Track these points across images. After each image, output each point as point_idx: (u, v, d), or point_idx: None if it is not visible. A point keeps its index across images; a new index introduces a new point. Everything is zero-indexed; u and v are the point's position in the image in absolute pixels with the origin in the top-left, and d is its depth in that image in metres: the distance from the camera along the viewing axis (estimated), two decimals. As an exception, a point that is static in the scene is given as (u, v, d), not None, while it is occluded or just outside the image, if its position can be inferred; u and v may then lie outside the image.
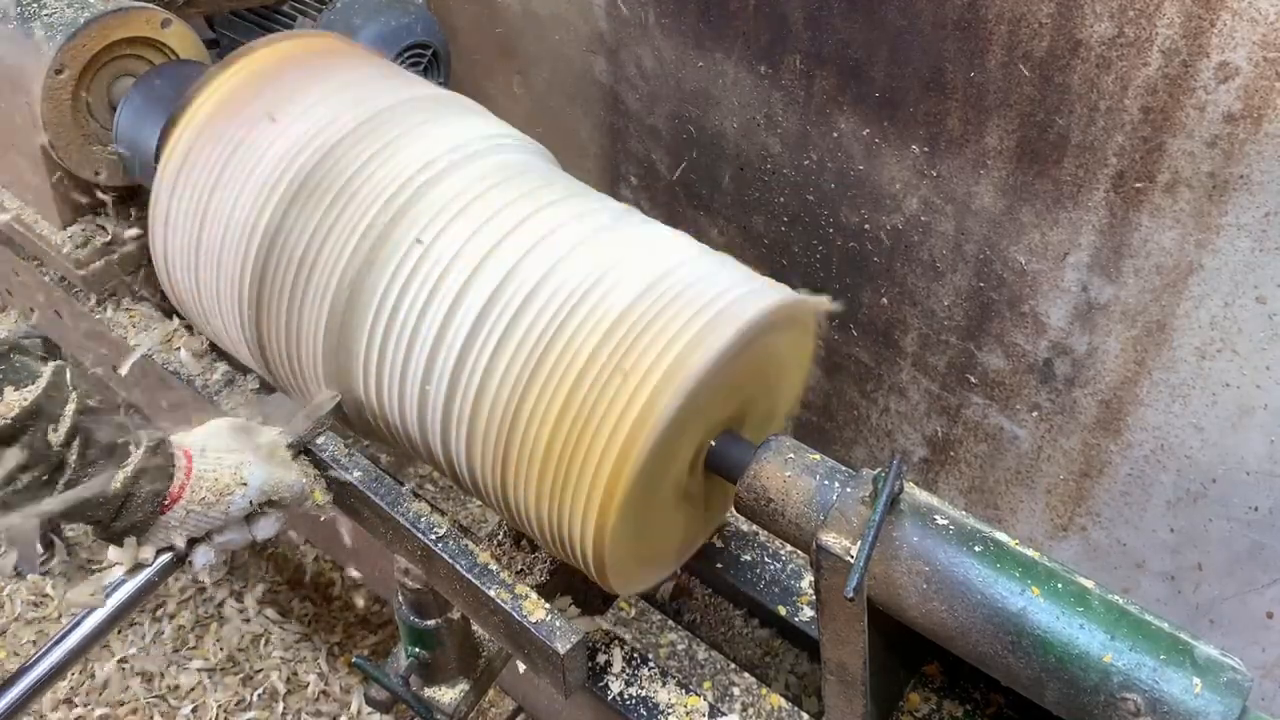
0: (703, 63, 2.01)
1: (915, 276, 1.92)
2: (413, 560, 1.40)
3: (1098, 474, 1.85)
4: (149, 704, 2.27)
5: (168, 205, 1.45)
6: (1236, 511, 1.70)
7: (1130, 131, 1.53)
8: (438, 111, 1.43)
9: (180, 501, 1.20)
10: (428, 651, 1.47)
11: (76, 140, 1.70)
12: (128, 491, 1.15)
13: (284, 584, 2.53)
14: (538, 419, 1.18)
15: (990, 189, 1.73)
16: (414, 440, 1.36)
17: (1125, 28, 1.46)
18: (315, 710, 2.29)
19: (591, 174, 2.39)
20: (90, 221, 1.83)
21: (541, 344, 1.19)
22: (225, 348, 1.58)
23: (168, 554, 1.24)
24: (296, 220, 1.33)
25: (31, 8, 1.66)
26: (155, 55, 1.74)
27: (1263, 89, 1.39)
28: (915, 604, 1.08)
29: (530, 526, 1.28)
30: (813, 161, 1.95)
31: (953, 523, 1.09)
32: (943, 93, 1.70)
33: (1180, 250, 1.57)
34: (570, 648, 1.26)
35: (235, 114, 1.42)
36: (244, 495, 1.25)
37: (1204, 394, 1.64)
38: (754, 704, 1.42)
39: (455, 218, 1.30)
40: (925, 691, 1.34)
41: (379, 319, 1.30)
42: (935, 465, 2.12)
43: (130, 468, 1.15)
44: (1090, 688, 0.99)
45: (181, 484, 1.20)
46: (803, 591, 1.55)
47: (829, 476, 1.18)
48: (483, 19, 2.38)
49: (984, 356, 1.90)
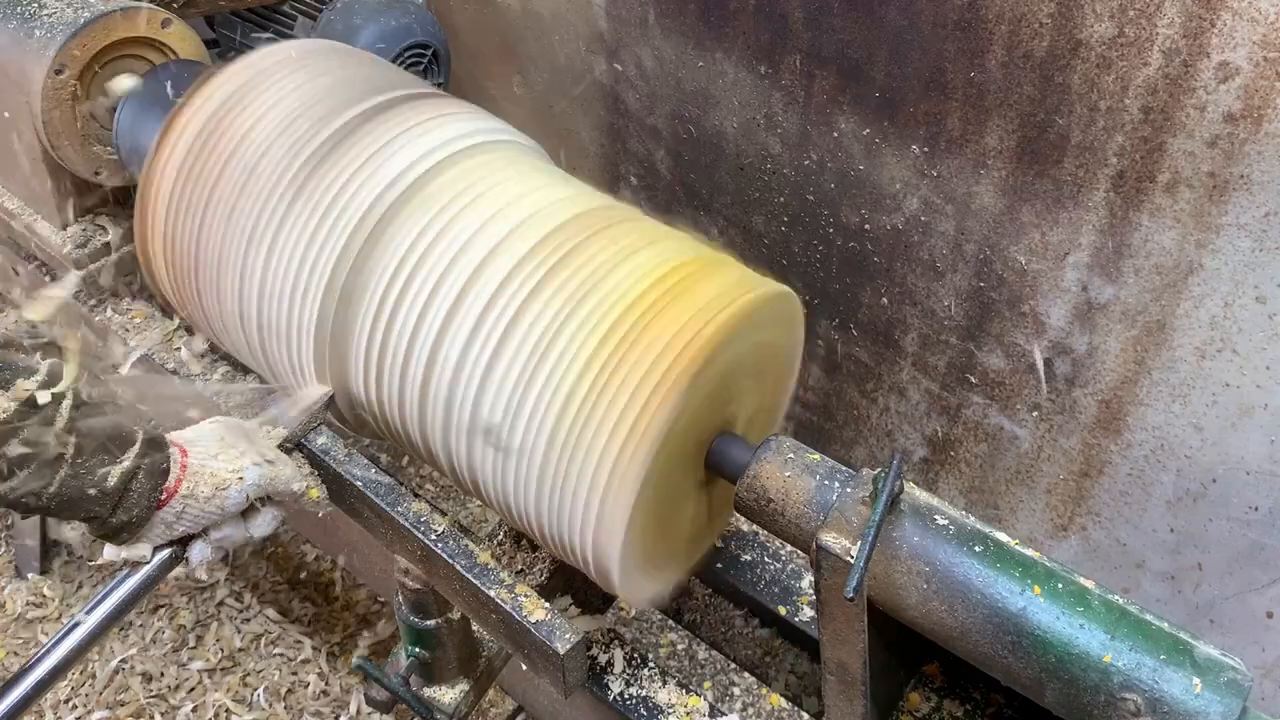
0: (703, 63, 2.01)
1: (915, 276, 1.92)
2: (413, 560, 1.40)
3: (1098, 474, 1.85)
4: (149, 704, 2.27)
5: (168, 204, 1.45)
6: (1236, 511, 1.70)
7: (1130, 131, 1.53)
8: (437, 108, 1.44)
9: (176, 497, 1.20)
10: (428, 651, 1.47)
11: (76, 140, 1.70)
12: (124, 487, 1.15)
13: (284, 584, 2.53)
14: (538, 419, 1.19)
15: (990, 189, 1.73)
16: (414, 440, 1.36)
17: (1125, 28, 1.46)
18: (315, 710, 2.29)
19: (591, 174, 2.39)
20: (90, 221, 1.83)
21: (542, 344, 1.19)
22: (225, 347, 1.58)
23: (165, 551, 1.24)
24: (297, 220, 1.34)
25: (31, 8, 1.67)
26: (155, 55, 1.74)
27: (1263, 89, 1.39)
28: (915, 604, 1.08)
29: (530, 527, 1.28)
30: (813, 161, 1.95)
31: (953, 523, 1.09)
32: (943, 93, 1.70)
33: (1180, 250, 1.57)
34: (570, 648, 1.26)
35: (235, 114, 1.42)
36: (240, 490, 1.25)
37: (1204, 394, 1.64)
38: (754, 704, 1.42)
39: (457, 217, 1.30)
40: (925, 691, 1.34)
41: (379, 318, 1.30)
42: (935, 465, 2.12)
43: (126, 463, 1.15)
44: (1090, 688, 0.99)
45: (177, 479, 1.20)
46: (803, 591, 1.55)
47: (829, 476, 1.18)
48: (483, 19, 2.38)
49: (984, 356, 1.90)
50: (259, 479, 1.28)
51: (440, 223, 1.30)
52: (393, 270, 1.29)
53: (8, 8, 1.69)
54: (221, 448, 1.27)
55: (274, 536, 2.60)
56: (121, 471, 1.15)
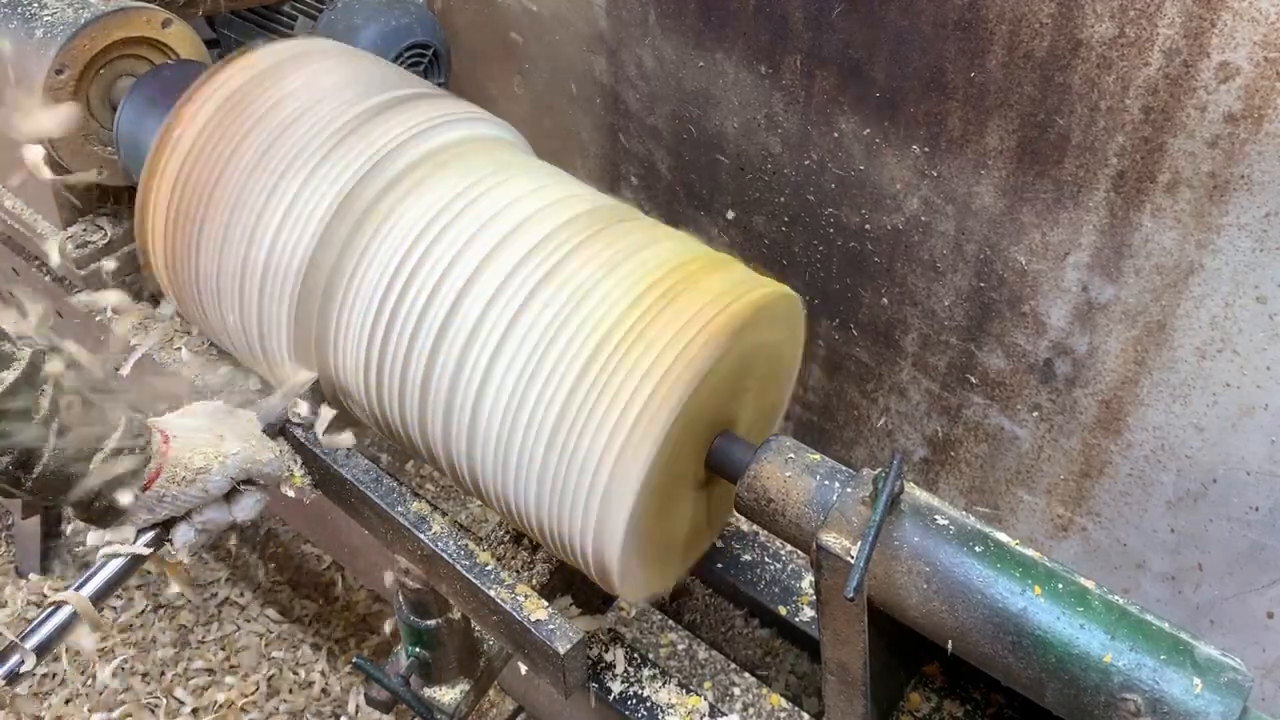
0: (703, 63, 2.01)
1: (916, 276, 1.92)
2: (413, 560, 1.40)
3: (1098, 474, 1.85)
4: (149, 704, 2.27)
5: (168, 204, 1.45)
6: (1237, 511, 1.70)
7: (1131, 131, 1.53)
8: (439, 108, 1.44)
9: (158, 481, 1.21)
10: (428, 651, 1.47)
11: (76, 140, 1.70)
12: (106, 473, 1.16)
13: (284, 584, 2.53)
14: (538, 419, 1.19)
15: (991, 189, 1.73)
16: (414, 439, 1.36)
17: (1126, 28, 1.46)
18: (315, 710, 2.29)
19: (592, 174, 2.39)
20: (90, 221, 1.83)
21: (542, 344, 1.19)
22: (224, 346, 1.58)
23: (149, 533, 1.25)
24: (298, 218, 1.34)
25: (32, 8, 1.66)
26: (155, 55, 1.74)
27: (1263, 89, 1.39)
28: (915, 604, 1.08)
29: (531, 526, 1.28)
30: (813, 161, 1.95)
31: (953, 523, 1.09)
32: (943, 93, 1.70)
33: (1181, 250, 1.57)
34: (570, 648, 1.26)
35: (235, 114, 1.42)
36: (221, 474, 1.26)
37: (1204, 394, 1.64)
38: (754, 704, 1.42)
39: (457, 216, 1.30)
40: (925, 691, 1.34)
41: (379, 318, 1.30)
42: (935, 465, 2.12)
43: (108, 449, 1.16)
44: (1090, 688, 0.99)
45: (159, 465, 1.22)
46: (803, 591, 1.55)
47: (829, 476, 1.18)
48: (483, 19, 2.38)
49: (984, 356, 1.90)
50: (241, 462, 1.29)
51: (441, 222, 1.30)
52: (393, 270, 1.29)
53: (9, 7, 1.69)
54: (204, 432, 1.28)
55: (274, 536, 2.62)
56: (103, 458, 1.16)
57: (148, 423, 1.26)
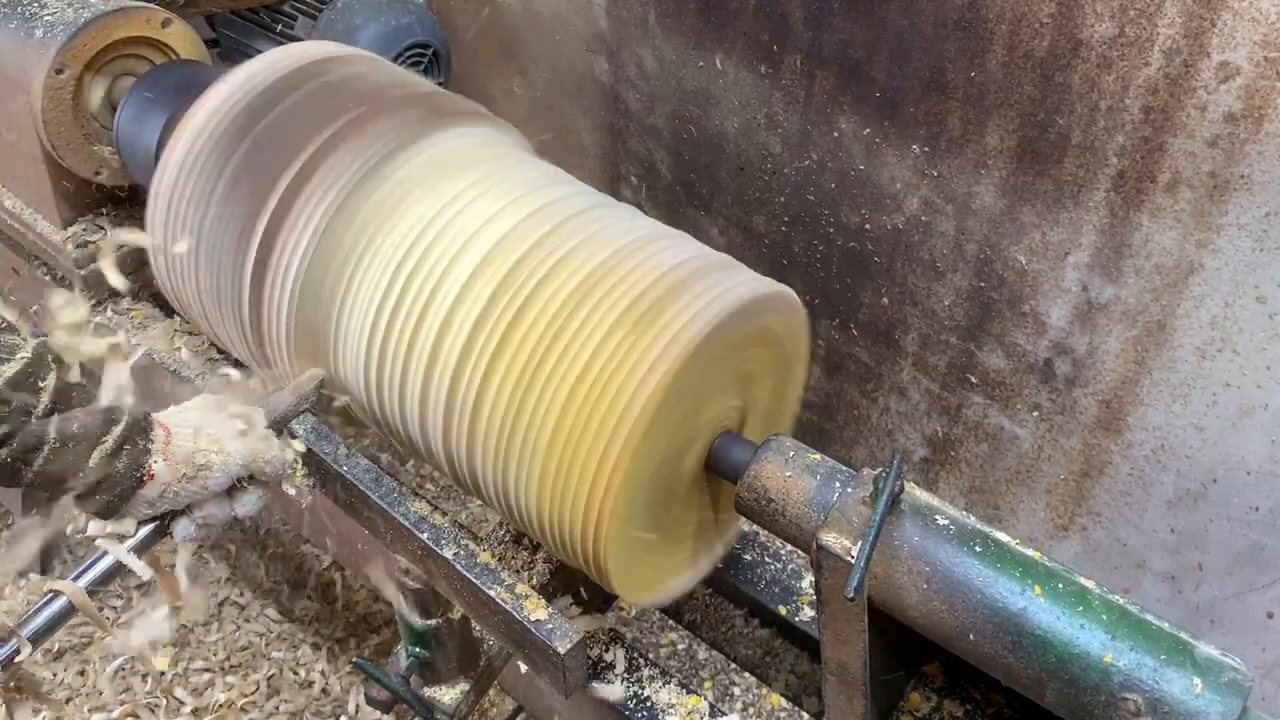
0: (703, 62, 2.01)
1: (916, 276, 1.92)
2: (413, 560, 1.40)
3: (1098, 474, 1.85)
4: (149, 704, 2.27)
5: (168, 204, 1.45)
6: (1237, 511, 1.70)
7: (1131, 131, 1.53)
8: (437, 106, 1.44)
9: (159, 475, 1.21)
10: (428, 651, 1.47)
11: (76, 140, 1.70)
12: (106, 467, 1.16)
13: (285, 584, 2.53)
14: (539, 419, 1.18)
15: (991, 189, 1.73)
16: (414, 439, 1.36)
17: (1126, 27, 1.46)
18: (315, 710, 2.29)
19: (592, 174, 2.38)
20: (90, 221, 1.83)
21: (543, 344, 1.19)
22: (224, 346, 1.58)
23: (149, 526, 1.25)
24: (298, 218, 1.34)
25: (32, 8, 1.67)
26: (155, 55, 1.74)
27: (1263, 89, 1.38)
28: (915, 604, 1.08)
29: (531, 526, 1.28)
30: (813, 161, 1.95)
31: (953, 523, 1.09)
32: (943, 93, 1.70)
33: (1181, 250, 1.57)
34: (570, 648, 1.26)
35: (236, 113, 1.42)
36: (222, 469, 1.26)
37: (1204, 394, 1.64)
38: (754, 704, 1.42)
39: (458, 215, 1.30)
40: (925, 691, 1.34)
41: (380, 318, 1.30)
42: (936, 465, 2.12)
43: (110, 442, 1.16)
44: (1090, 688, 0.99)
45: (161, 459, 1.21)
46: (803, 591, 1.55)
47: (829, 476, 1.18)
48: (483, 19, 2.38)
49: (984, 356, 1.90)
50: (243, 459, 1.28)
51: (442, 221, 1.30)
52: (393, 270, 1.30)
53: (8, 7, 1.69)
54: (205, 427, 1.27)
55: (275, 536, 2.61)
56: (104, 452, 1.15)
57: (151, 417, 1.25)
